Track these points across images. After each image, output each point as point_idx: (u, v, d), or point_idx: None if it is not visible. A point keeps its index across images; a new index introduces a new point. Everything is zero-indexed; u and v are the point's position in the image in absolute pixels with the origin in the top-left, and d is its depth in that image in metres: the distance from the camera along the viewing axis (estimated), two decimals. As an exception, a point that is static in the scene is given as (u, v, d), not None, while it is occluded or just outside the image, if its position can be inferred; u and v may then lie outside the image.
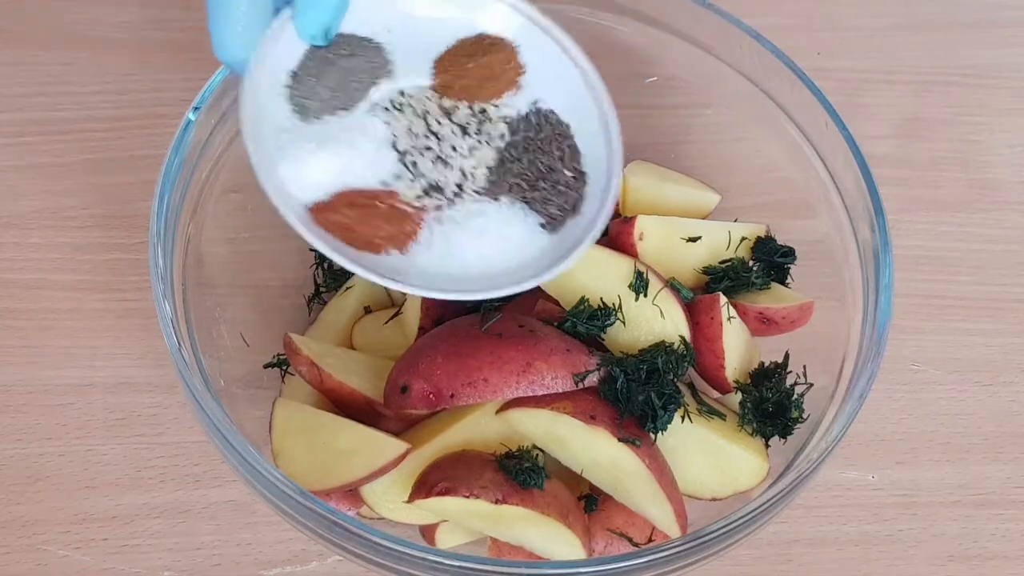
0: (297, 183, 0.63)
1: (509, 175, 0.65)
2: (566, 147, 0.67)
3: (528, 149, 0.66)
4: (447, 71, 0.66)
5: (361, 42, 0.65)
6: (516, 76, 0.67)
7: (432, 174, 0.64)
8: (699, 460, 0.71)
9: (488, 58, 0.66)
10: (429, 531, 0.70)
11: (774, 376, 0.73)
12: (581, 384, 0.68)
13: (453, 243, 0.64)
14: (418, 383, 0.67)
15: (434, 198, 0.64)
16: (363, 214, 0.63)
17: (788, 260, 0.78)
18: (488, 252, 0.64)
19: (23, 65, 0.96)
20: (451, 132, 0.65)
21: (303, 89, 0.63)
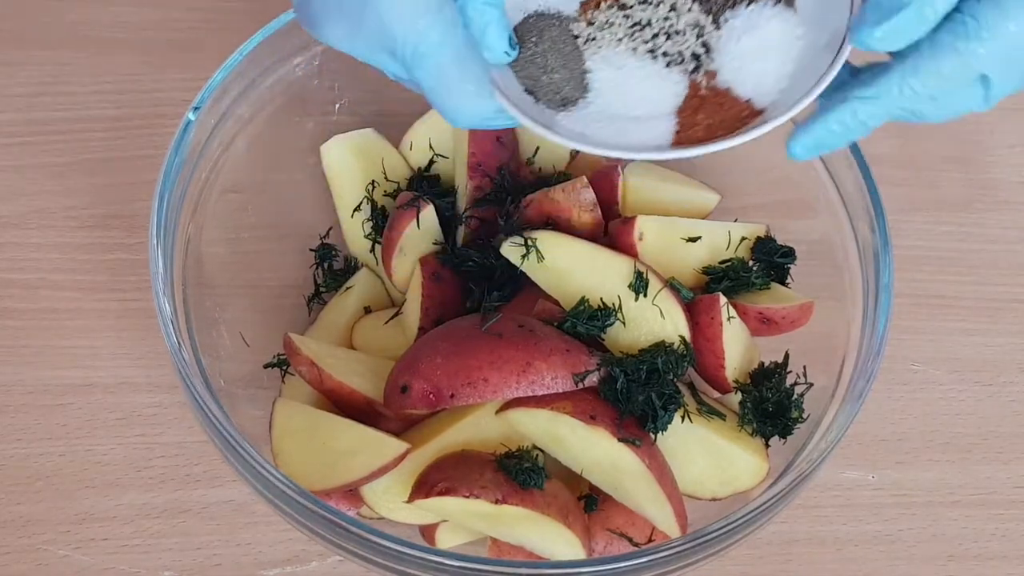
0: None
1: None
2: None
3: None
4: None
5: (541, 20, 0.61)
6: None
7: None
8: (699, 460, 0.71)
9: None
10: (429, 531, 0.70)
11: (774, 376, 0.73)
12: (581, 384, 0.68)
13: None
14: (418, 383, 0.67)
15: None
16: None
17: (788, 260, 0.78)
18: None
19: (23, 65, 0.96)
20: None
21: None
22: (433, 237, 0.77)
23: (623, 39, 0.61)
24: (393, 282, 0.79)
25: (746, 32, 0.60)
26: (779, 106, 0.58)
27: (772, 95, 0.60)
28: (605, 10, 0.61)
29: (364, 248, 0.81)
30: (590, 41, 0.61)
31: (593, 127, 0.60)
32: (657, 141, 0.60)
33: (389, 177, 0.81)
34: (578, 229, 0.76)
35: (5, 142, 0.92)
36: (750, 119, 0.60)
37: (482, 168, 0.78)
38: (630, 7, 0.61)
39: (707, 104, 0.61)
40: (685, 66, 0.61)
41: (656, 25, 0.61)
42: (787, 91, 0.59)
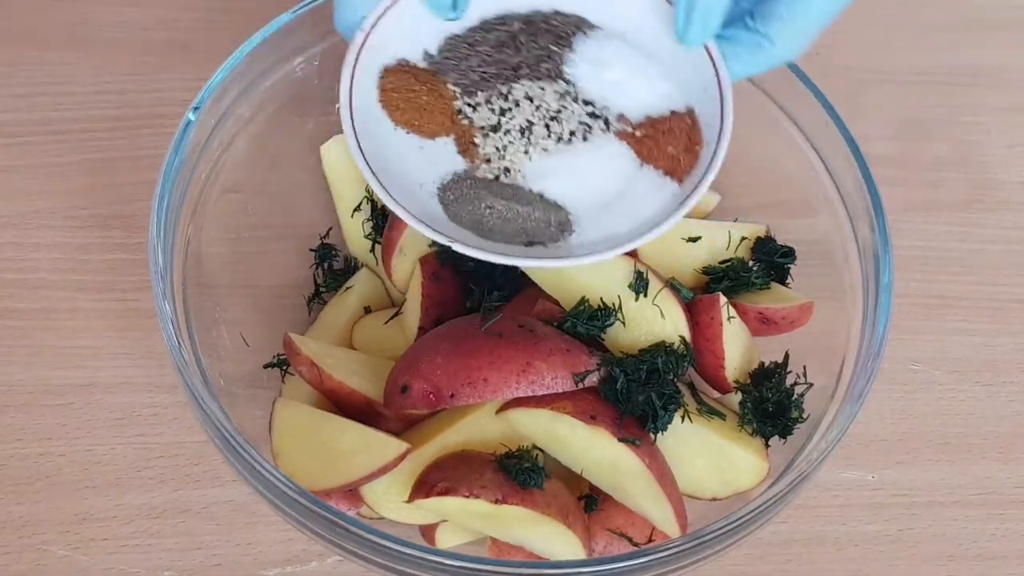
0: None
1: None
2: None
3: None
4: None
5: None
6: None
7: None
8: (699, 460, 0.71)
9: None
10: (429, 531, 0.70)
11: (774, 376, 0.73)
12: (581, 384, 0.68)
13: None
14: (418, 383, 0.67)
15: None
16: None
17: (788, 260, 0.78)
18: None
19: (23, 65, 0.96)
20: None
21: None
22: (433, 237, 0.77)
23: (528, 150, 0.62)
24: (393, 282, 0.79)
25: (597, 69, 0.62)
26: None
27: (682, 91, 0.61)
28: (484, 142, 0.62)
29: (364, 248, 0.81)
30: (506, 173, 0.62)
31: (609, 230, 0.61)
32: (664, 202, 0.61)
33: (389, 177, 0.81)
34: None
35: (5, 142, 0.92)
36: (691, 119, 0.62)
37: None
38: (502, 125, 0.62)
39: (653, 138, 0.61)
40: (598, 127, 0.61)
41: (537, 118, 0.62)
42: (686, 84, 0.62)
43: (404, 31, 0.63)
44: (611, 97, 0.63)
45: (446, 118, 0.63)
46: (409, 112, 0.63)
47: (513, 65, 0.63)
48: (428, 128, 0.64)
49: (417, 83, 0.63)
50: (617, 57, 0.63)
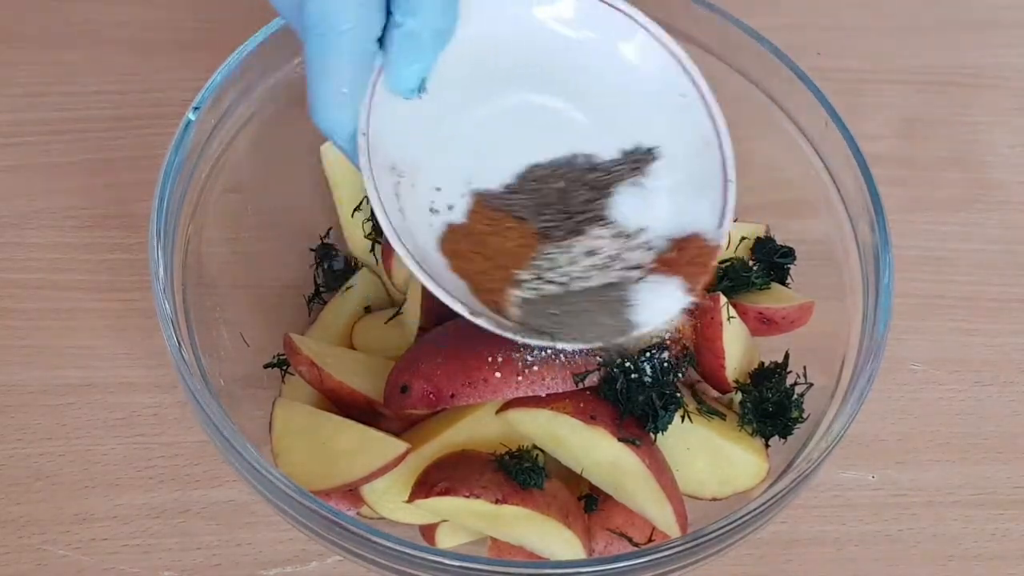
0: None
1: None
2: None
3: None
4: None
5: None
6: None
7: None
8: (699, 460, 0.71)
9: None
10: (429, 531, 0.70)
11: (774, 376, 0.73)
12: (581, 384, 0.68)
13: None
14: (418, 383, 0.67)
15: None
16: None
17: (788, 260, 0.78)
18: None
19: (23, 65, 0.96)
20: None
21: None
22: (433, 237, 0.77)
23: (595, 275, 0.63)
24: (393, 282, 0.79)
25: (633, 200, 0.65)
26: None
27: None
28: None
29: (364, 248, 0.81)
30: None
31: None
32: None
33: (389, 177, 0.81)
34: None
35: (5, 142, 0.92)
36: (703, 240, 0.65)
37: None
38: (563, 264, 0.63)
39: (677, 257, 0.64)
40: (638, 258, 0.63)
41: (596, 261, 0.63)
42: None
43: (393, 125, 0.61)
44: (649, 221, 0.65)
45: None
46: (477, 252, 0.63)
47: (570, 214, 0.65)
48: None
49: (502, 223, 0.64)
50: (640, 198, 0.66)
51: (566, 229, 0.64)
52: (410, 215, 0.61)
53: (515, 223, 0.63)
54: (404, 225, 0.60)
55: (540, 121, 0.66)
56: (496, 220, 0.63)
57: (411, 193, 0.62)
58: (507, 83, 0.65)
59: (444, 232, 0.63)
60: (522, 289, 0.62)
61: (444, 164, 0.63)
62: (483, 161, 0.64)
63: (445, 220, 0.63)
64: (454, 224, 0.63)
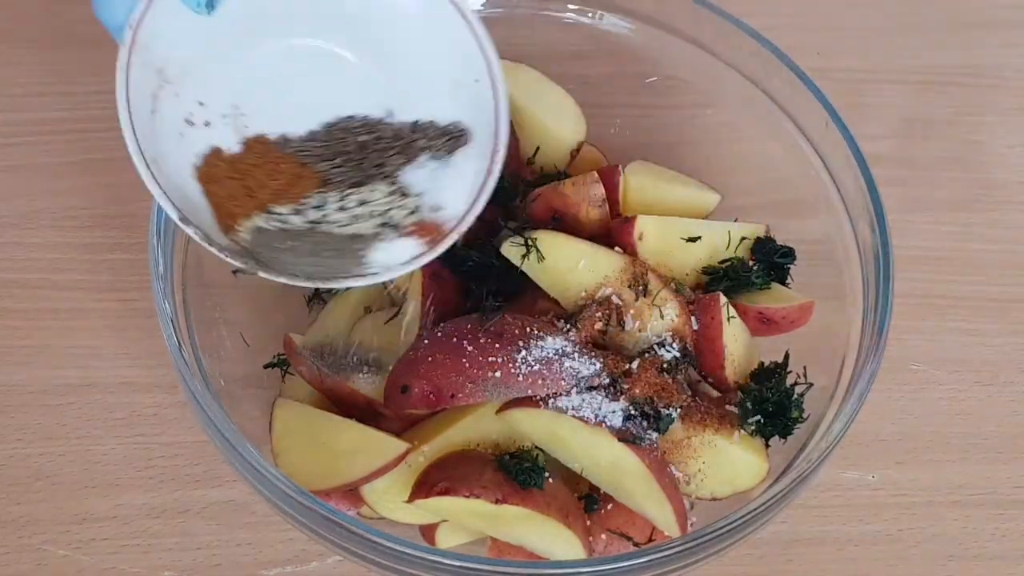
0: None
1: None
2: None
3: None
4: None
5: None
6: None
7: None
8: (699, 460, 0.71)
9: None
10: (429, 531, 0.70)
11: (774, 376, 0.73)
12: (581, 384, 0.68)
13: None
14: (418, 383, 0.67)
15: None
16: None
17: (788, 260, 0.78)
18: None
19: (23, 65, 0.96)
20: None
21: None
22: (433, 237, 0.77)
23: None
24: (393, 282, 0.79)
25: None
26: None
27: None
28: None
29: (364, 248, 0.81)
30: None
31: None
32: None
33: (389, 177, 0.81)
34: (586, 225, 0.76)
35: (5, 142, 0.92)
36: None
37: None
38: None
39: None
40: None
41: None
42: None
43: (172, 31, 0.62)
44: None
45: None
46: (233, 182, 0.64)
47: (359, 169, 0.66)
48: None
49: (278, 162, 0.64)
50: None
51: (349, 180, 0.65)
52: (163, 121, 0.63)
53: (294, 165, 0.64)
54: (151, 127, 0.62)
55: (335, 71, 0.65)
56: (273, 160, 0.64)
57: (173, 101, 0.63)
58: (307, 24, 0.65)
59: (207, 153, 0.63)
60: (264, 219, 0.63)
61: (215, 82, 0.64)
62: (278, 102, 0.65)
63: (209, 142, 0.63)
64: (222, 151, 0.64)
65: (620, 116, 0.88)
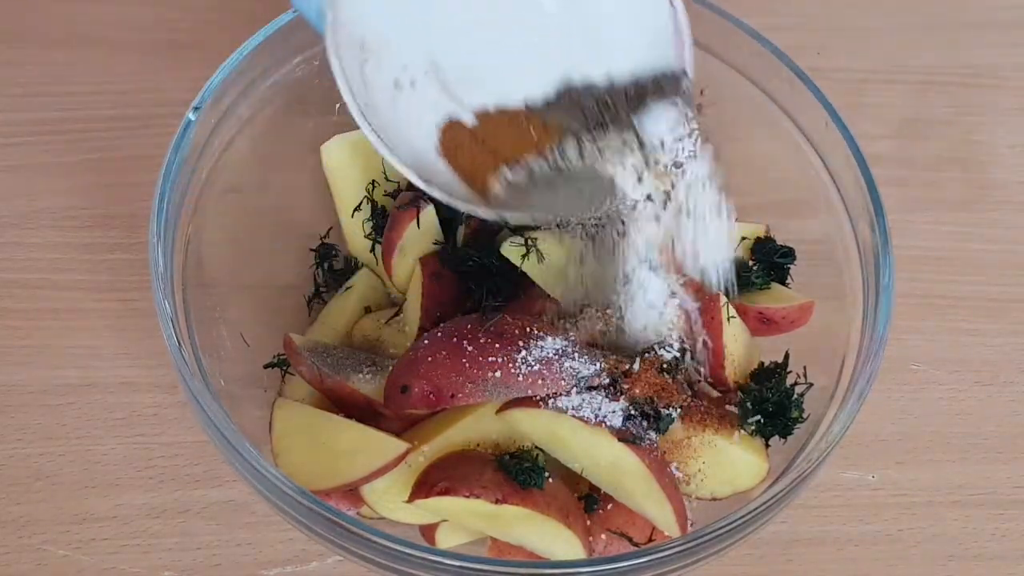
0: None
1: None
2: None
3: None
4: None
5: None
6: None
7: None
8: (699, 460, 0.71)
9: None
10: (429, 531, 0.70)
11: (774, 376, 0.73)
12: (581, 384, 0.68)
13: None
14: (418, 383, 0.67)
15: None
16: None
17: (788, 260, 0.78)
18: None
19: (23, 65, 0.96)
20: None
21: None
22: (433, 237, 0.77)
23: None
24: (393, 282, 0.79)
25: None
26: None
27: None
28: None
29: (364, 248, 0.81)
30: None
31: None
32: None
33: (389, 177, 0.81)
34: (584, 225, 0.76)
35: (5, 142, 0.92)
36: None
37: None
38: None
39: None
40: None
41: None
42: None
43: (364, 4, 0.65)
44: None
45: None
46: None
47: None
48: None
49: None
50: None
51: (589, 129, 0.67)
52: (376, 90, 0.65)
53: (534, 124, 0.67)
54: (367, 98, 0.65)
55: (533, 25, 0.68)
56: (517, 122, 0.67)
57: (376, 68, 0.65)
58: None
59: (444, 126, 0.66)
60: (513, 171, 0.66)
61: (411, 43, 0.66)
62: (479, 59, 0.67)
63: (444, 113, 0.66)
64: (462, 123, 0.66)
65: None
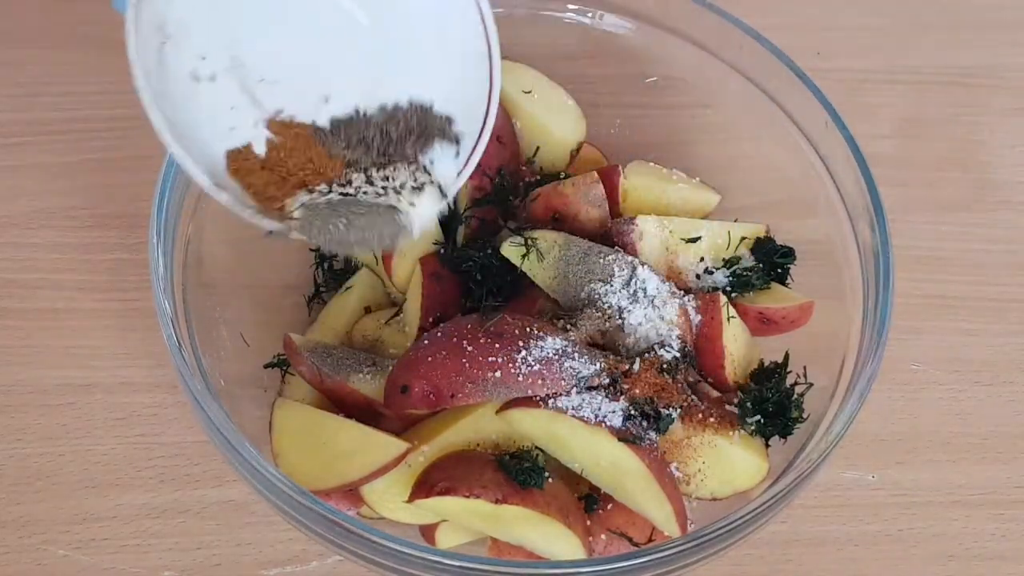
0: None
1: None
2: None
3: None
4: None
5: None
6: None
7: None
8: (699, 459, 0.71)
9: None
10: (429, 531, 0.70)
11: (774, 376, 0.73)
12: (581, 384, 0.68)
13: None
14: (418, 383, 0.67)
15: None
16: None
17: (788, 260, 0.78)
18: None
19: (23, 65, 0.96)
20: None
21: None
22: (433, 237, 0.77)
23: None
24: (393, 282, 0.79)
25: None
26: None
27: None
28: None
29: (364, 248, 0.81)
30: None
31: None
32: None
33: (389, 177, 0.81)
34: (585, 225, 0.76)
35: (5, 142, 0.92)
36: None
37: (482, 168, 0.78)
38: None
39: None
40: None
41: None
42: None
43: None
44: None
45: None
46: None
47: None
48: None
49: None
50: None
51: (374, 162, 0.66)
52: (171, 78, 0.64)
53: (321, 154, 0.65)
54: (163, 86, 0.63)
55: (335, 32, 0.67)
56: (301, 149, 0.65)
57: (176, 56, 0.64)
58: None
59: (238, 150, 0.64)
60: (306, 195, 0.64)
61: (211, 33, 0.64)
62: (281, 59, 0.65)
63: (239, 137, 0.64)
64: (252, 147, 0.65)
65: (620, 116, 0.88)
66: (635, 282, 0.71)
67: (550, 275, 0.73)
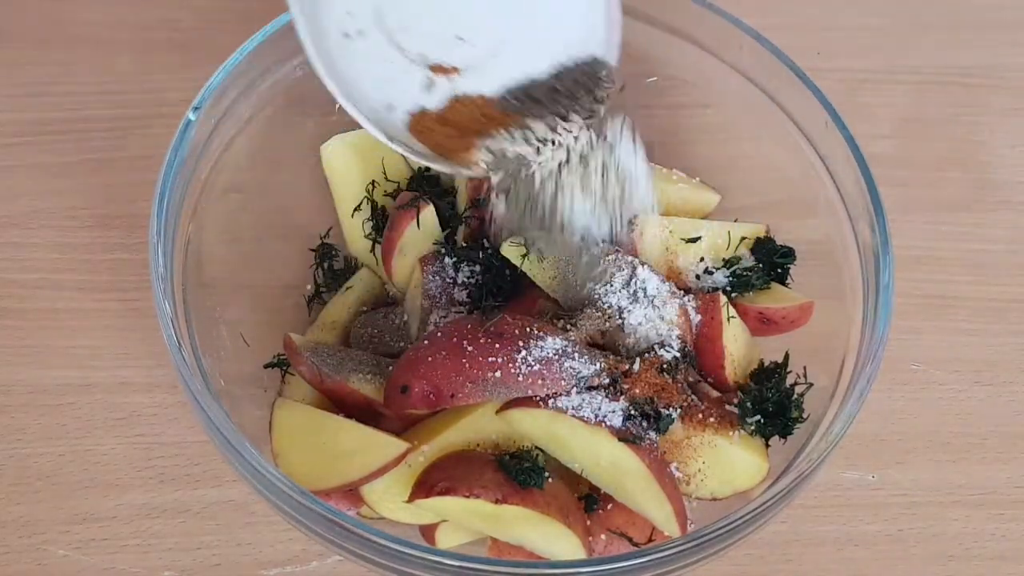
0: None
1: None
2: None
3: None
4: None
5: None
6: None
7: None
8: (699, 459, 0.71)
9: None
10: (429, 531, 0.70)
11: (774, 376, 0.74)
12: (581, 384, 0.68)
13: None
14: (418, 383, 0.67)
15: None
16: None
17: (788, 260, 0.78)
18: None
19: (23, 65, 0.96)
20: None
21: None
22: (433, 237, 0.77)
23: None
24: (393, 282, 0.79)
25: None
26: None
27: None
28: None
29: (364, 248, 0.81)
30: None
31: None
32: None
33: (389, 177, 0.81)
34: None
35: (5, 142, 0.92)
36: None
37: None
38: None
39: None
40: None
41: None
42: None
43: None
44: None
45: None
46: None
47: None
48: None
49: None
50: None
51: (551, 115, 0.69)
52: (329, 40, 0.67)
53: (496, 111, 0.69)
54: (326, 47, 0.66)
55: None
56: (477, 107, 0.69)
57: (327, 12, 0.67)
58: None
59: (415, 113, 0.69)
60: (492, 139, 0.68)
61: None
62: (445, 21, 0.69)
63: (412, 97, 0.68)
64: (428, 111, 0.69)
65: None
66: (635, 282, 0.71)
67: (550, 275, 0.73)
